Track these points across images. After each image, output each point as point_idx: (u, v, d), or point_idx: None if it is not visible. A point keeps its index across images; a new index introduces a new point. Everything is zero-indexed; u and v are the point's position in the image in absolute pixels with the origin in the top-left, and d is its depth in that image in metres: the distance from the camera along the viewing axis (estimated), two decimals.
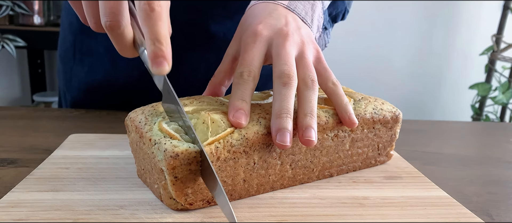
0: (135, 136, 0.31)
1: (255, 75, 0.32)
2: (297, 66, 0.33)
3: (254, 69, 0.32)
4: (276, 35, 0.34)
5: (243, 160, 0.30)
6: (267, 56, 0.34)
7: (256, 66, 0.32)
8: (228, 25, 0.56)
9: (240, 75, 0.31)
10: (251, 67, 0.32)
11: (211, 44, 0.57)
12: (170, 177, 0.27)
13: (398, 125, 0.39)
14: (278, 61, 0.32)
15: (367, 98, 0.38)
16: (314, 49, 0.35)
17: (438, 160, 0.45)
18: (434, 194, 0.33)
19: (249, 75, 0.31)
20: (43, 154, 0.40)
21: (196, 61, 0.58)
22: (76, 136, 0.44)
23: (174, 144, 0.27)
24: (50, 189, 0.31)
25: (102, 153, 0.39)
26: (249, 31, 0.35)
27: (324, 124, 0.33)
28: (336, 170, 0.36)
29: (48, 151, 0.41)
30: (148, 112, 0.31)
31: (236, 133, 0.29)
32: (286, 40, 0.33)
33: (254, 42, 0.33)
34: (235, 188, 0.30)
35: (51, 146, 0.42)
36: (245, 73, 0.31)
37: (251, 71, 0.31)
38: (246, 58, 0.32)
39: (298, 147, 0.33)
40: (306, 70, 0.32)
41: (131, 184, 0.33)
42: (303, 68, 0.32)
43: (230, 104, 0.30)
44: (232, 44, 0.37)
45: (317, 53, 0.35)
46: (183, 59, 0.57)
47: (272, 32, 0.34)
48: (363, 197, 0.32)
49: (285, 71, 0.31)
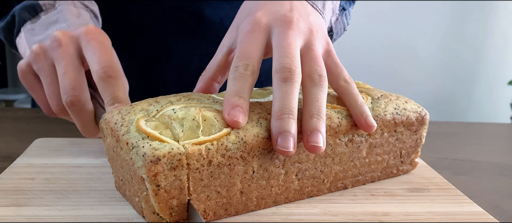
0: (111, 140, 0.31)
1: (254, 70, 0.31)
2: (303, 59, 0.32)
3: (252, 62, 0.32)
4: (278, 22, 0.34)
5: (240, 167, 0.29)
6: (268, 48, 0.34)
7: (255, 59, 0.32)
8: (226, 10, 0.56)
9: (236, 69, 0.31)
10: (249, 60, 0.32)
11: (206, 31, 0.57)
12: (152, 185, 0.27)
13: (425, 128, 0.39)
14: (278, 53, 0.32)
15: (387, 96, 0.38)
16: (324, 40, 0.35)
17: (471, 169, 0.45)
18: (467, 209, 0.33)
19: (247, 69, 0.31)
20: (3, 162, 0.40)
21: (187, 51, 0.58)
22: (43, 141, 0.44)
23: (154, 146, 0.27)
24: (12, 203, 0.31)
25: (73, 161, 0.39)
26: (246, 19, 0.35)
27: (337, 126, 0.32)
28: (350, 181, 0.36)
29: (9, 158, 0.41)
30: (125, 111, 0.31)
31: (232, 135, 0.29)
32: (290, 27, 0.33)
33: (252, 31, 0.33)
34: (231, 201, 0.30)
35: (13, 152, 0.42)
36: (241, 67, 0.31)
37: (249, 64, 0.31)
38: (243, 50, 0.32)
39: (306, 154, 0.32)
40: (313, 63, 0.32)
41: (108, 197, 0.33)
42: (310, 61, 0.32)
43: (225, 101, 0.30)
44: (228, 34, 0.37)
45: (327, 45, 0.35)
46: (172, 49, 0.57)
47: (273, 19, 0.34)
48: (383, 213, 0.32)
49: (286, 65, 0.31)
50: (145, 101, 0.33)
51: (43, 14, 0.44)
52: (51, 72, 0.38)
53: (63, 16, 0.43)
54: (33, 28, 0.44)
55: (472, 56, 1.80)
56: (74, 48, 0.38)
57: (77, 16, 0.43)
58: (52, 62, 0.38)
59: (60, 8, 0.44)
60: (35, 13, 0.44)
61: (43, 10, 0.44)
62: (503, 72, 1.80)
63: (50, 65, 0.38)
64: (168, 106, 0.31)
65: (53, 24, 0.43)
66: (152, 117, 0.30)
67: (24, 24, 0.45)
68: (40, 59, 0.39)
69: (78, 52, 0.39)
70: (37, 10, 0.44)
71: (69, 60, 0.37)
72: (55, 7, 0.44)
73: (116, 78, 0.36)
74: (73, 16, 0.43)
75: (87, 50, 0.38)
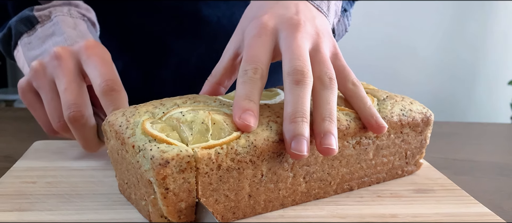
0: (115, 143, 0.32)
1: (263, 73, 0.32)
2: (312, 61, 0.33)
3: (261, 66, 0.32)
4: (284, 25, 0.34)
5: (249, 171, 0.30)
6: (275, 52, 0.34)
7: (263, 63, 0.32)
8: (223, 9, 0.57)
9: (245, 73, 0.32)
10: (258, 64, 0.32)
11: (203, 30, 0.57)
12: (160, 189, 0.27)
13: (429, 128, 0.39)
14: (289, 56, 0.32)
15: (392, 97, 0.38)
16: (331, 43, 0.36)
17: (471, 169, 0.46)
18: (474, 210, 0.34)
19: (256, 73, 0.31)
20: (3, 161, 0.40)
21: (185, 50, 0.58)
22: (43, 143, 0.44)
23: (162, 148, 0.27)
24: (15, 208, 0.31)
25: (74, 164, 0.40)
26: (253, 22, 0.35)
27: (345, 129, 0.33)
28: (357, 182, 0.37)
29: (9, 158, 0.41)
30: (129, 113, 0.31)
31: (243, 139, 0.29)
32: (298, 30, 0.33)
33: (260, 35, 0.33)
34: (239, 204, 0.31)
35: (13, 152, 0.42)
36: (251, 70, 0.31)
37: (258, 68, 0.32)
38: (251, 53, 0.33)
39: (314, 157, 0.33)
40: (323, 66, 0.33)
41: (112, 201, 0.33)
42: (319, 64, 0.33)
43: (235, 105, 0.30)
44: (234, 38, 0.37)
45: (334, 48, 0.36)
46: (169, 48, 0.58)
47: (279, 22, 0.34)
48: (391, 215, 0.33)
49: (298, 67, 0.31)
50: (150, 104, 0.33)
51: (39, 26, 0.44)
52: (52, 89, 0.39)
53: (59, 28, 0.43)
54: (30, 42, 0.44)
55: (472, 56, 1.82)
56: (74, 64, 0.39)
57: (73, 28, 0.44)
58: (52, 78, 0.39)
59: (56, 19, 0.44)
60: (31, 25, 0.44)
61: (39, 22, 0.44)
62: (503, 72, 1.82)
63: (51, 82, 0.39)
64: (175, 109, 0.31)
65: (50, 37, 0.43)
66: (158, 119, 0.31)
67: (21, 37, 0.45)
68: (39, 77, 0.39)
69: (79, 67, 0.39)
70: (33, 23, 0.44)
71: (70, 76, 0.38)
72: (51, 18, 0.44)
73: (119, 92, 0.37)
74: (69, 28, 0.43)
75: (87, 64, 0.38)
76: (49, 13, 0.45)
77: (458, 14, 1.77)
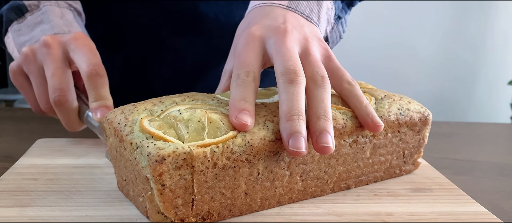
0: (114, 140, 0.32)
1: (255, 76, 0.32)
2: (303, 63, 0.33)
3: (253, 69, 0.32)
4: (271, 33, 0.34)
5: (245, 169, 0.30)
6: (265, 59, 0.34)
7: (255, 66, 0.33)
8: (221, 5, 0.57)
9: (237, 76, 0.32)
10: (249, 68, 0.32)
11: (201, 27, 0.57)
12: (157, 185, 0.27)
13: (427, 128, 0.39)
14: (280, 58, 0.32)
15: (390, 96, 0.38)
16: (321, 47, 0.36)
17: (471, 169, 0.45)
18: (471, 209, 0.34)
19: (248, 76, 0.32)
20: (3, 161, 0.40)
21: (183, 47, 0.58)
22: (44, 141, 0.45)
23: (159, 145, 0.27)
24: (16, 204, 0.31)
25: (75, 161, 0.40)
26: (241, 35, 0.36)
27: (341, 128, 0.33)
28: (354, 181, 0.37)
29: (9, 158, 0.41)
30: (128, 111, 0.31)
31: (239, 138, 0.29)
32: (285, 36, 0.34)
33: (247, 43, 0.34)
34: (235, 202, 0.31)
35: (14, 152, 0.42)
36: (243, 74, 0.32)
37: (250, 71, 0.32)
38: (242, 59, 0.33)
39: (310, 155, 0.33)
40: (314, 66, 0.33)
41: (111, 197, 0.33)
42: (310, 65, 0.33)
43: (231, 106, 0.30)
44: (229, 58, 0.38)
45: (325, 51, 0.36)
46: (167, 45, 0.58)
47: (266, 31, 0.35)
48: (387, 213, 0.32)
49: (291, 67, 0.31)
50: (149, 101, 0.33)
51: (29, 15, 0.46)
52: (40, 74, 0.42)
53: (47, 17, 0.45)
54: (20, 29, 0.46)
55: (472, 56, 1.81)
56: (62, 52, 0.42)
57: (60, 17, 0.46)
58: (41, 64, 0.41)
59: (44, 8, 0.46)
60: (21, 13, 0.47)
61: (28, 11, 0.46)
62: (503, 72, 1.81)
63: (40, 68, 0.42)
64: (173, 106, 0.31)
65: (38, 25, 0.45)
66: (156, 117, 0.31)
67: (11, 24, 0.47)
68: (30, 62, 0.42)
69: (65, 56, 0.42)
70: (22, 11, 0.47)
71: (57, 63, 0.41)
72: (40, 7, 0.46)
73: (103, 77, 0.40)
74: (56, 17, 0.46)
75: (75, 52, 0.41)
76: (38, 3, 0.47)
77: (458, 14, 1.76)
